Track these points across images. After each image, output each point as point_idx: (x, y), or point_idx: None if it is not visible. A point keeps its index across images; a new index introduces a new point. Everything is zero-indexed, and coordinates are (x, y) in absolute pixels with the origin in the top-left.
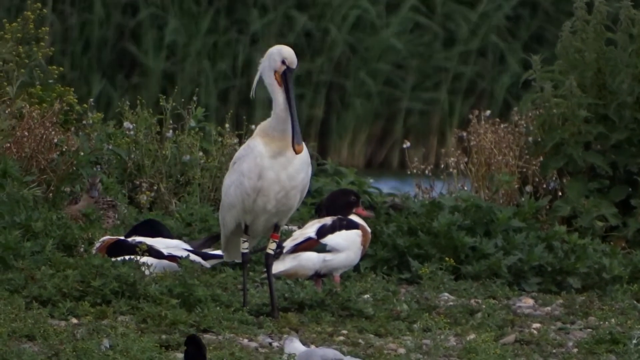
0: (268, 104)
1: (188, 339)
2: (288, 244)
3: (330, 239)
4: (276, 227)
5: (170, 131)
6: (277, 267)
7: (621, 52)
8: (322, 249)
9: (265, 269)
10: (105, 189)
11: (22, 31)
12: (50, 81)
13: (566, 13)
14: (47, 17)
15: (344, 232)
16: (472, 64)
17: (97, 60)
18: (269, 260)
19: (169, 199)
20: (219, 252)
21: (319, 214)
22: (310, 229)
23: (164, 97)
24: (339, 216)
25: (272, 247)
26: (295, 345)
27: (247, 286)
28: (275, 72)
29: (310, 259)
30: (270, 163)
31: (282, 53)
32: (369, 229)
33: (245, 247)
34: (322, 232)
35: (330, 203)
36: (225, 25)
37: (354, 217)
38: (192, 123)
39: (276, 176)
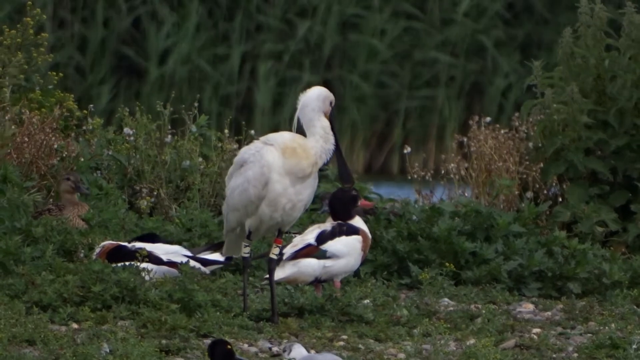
0: (268, 109)
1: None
2: (288, 251)
3: (330, 245)
4: (279, 233)
5: (169, 136)
6: (277, 274)
7: (620, 58)
8: (322, 255)
9: (267, 274)
10: (105, 194)
11: (21, 37)
12: (50, 87)
13: (563, 16)
14: (46, 23)
15: (344, 238)
16: (467, 66)
17: (100, 68)
18: (271, 265)
19: (169, 205)
20: (217, 257)
21: (322, 201)
22: (309, 235)
23: (161, 103)
24: (339, 222)
25: (275, 252)
26: (300, 351)
27: (247, 291)
28: (324, 112)
29: (310, 265)
30: (279, 177)
31: (330, 97)
32: (369, 234)
33: (246, 251)
34: (322, 238)
35: (336, 201)
36: (226, 31)
37: (354, 222)
38: (193, 128)
39: (284, 190)
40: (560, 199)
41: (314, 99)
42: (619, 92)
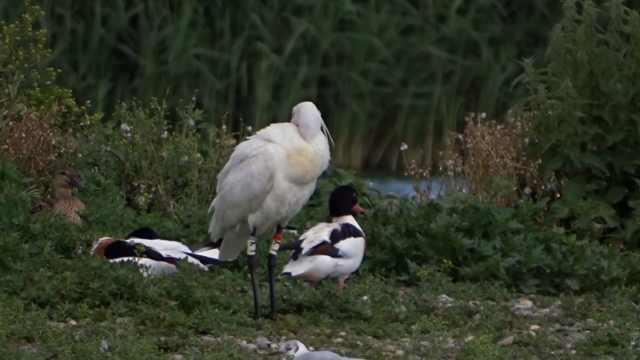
0: (266, 105)
1: None
2: (306, 246)
3: (342, 245)
4: (278, 229)
5: (166, 132)
6: (296, 269)
7: (613, 53)
8: (335, 253)
9: (282, 271)
10: (103, 190)
11: (20, 33)
12: (48, 83)
13: (561, 14)
14: (44, 19)
15: (352, 239)
16: (464, 63)
17: (97, 64)
18: (272, 261)
19: (167, 201)
20: (216, 254)
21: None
22: (322, 233)
23: (156, 98)
24: (346, 223)
25: (275, 248)
26: (302, 349)
27: (245, 287)
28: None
29: (325, 263)
30: (283, 176)
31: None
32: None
33: (252, 249)
34: (335, 237)
35: (336, 198)
36: (224, 27)
37: (351, 222)
38: (191, 122)
39: (289, 186)
40: (557, 195)
41: (314, 119)
42: (613, 88)
